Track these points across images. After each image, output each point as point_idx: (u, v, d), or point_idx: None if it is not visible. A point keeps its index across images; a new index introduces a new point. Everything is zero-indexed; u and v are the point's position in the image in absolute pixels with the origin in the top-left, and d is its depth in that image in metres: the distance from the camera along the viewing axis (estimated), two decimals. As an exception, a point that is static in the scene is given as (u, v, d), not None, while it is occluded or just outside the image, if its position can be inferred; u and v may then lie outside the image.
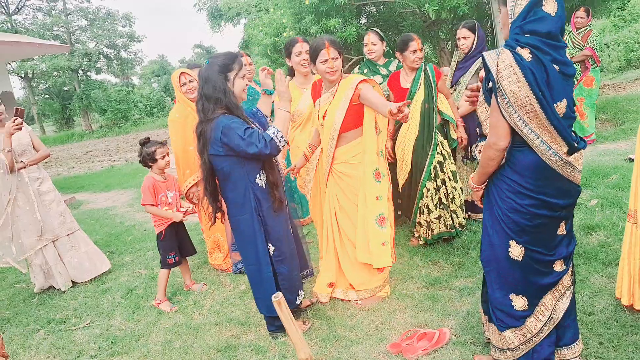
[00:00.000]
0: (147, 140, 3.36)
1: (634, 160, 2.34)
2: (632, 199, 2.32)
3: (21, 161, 3.72)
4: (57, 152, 18.66)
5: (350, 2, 7.37)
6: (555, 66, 1.74)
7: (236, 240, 2.66)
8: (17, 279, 4.38)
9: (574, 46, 5.79)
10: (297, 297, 2.74)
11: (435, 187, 3.54)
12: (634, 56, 11.37)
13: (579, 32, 5.78)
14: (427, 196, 3.53)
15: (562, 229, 1.96)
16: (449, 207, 3.57)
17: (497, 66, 1.76)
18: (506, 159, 1.90)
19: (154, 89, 35.12)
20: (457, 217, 3.61)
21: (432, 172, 3.52)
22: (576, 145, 1.81)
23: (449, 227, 3.57)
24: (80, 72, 28.69)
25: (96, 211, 7.00)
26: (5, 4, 27.10)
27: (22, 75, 27.31)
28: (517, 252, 1.95)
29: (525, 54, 1.73)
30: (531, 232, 1.91)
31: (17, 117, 3.51)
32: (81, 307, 3.58)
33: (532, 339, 2.01)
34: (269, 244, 2.58)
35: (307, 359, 1.91)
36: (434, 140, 3.52)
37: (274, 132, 2.44)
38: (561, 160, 1.81)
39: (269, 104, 2.89)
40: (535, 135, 1.78)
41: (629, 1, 13.76)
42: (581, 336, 2.13)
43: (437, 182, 3.54)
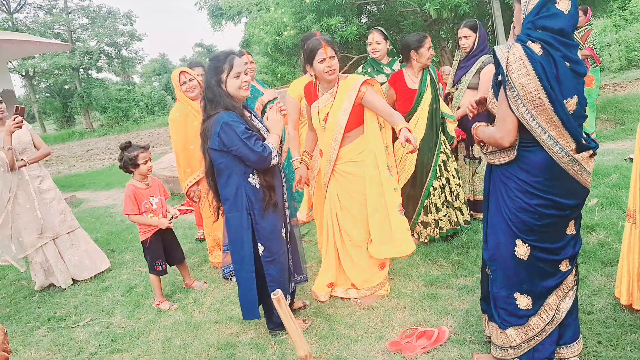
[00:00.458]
0: (128, 144, 3.25)
1: (633, 159, 2.35)
2: (632, 198, 2.33)
3: (22, 159, 3.72)
4: (57, 150, 18.64)
5: (351, 0, 7.37)
6: (566, 63, 1.74)
7: (227, 235, 2.66)
8: (17, 276, 4.38)
9: (574, 45, 5.80)
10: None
11: (440, 185, 3.57)
12: (635, 56, 11.37)
13: (578, 31, 5.77)
14: (434, 195, 3.56)
15: (571, 228, 1.96)
16: (453, 204, 3.62)
17: (507, 59, 1.76)
18: (515, 159, 1.89)
19: (154, 87, 35.21)
20: (462, 214, 3.66)
21: (437, 171, 3.55)
22: (585, 142, 1.81)
23: (454, 224, 3.63)
24: (81, 70, 28.75)
25: (97, 209, 7.00)
26: (6, 2, 27.13)
27: (23, 73, 27.35)
28: (522, 251, 1.95)
29: (536, 48, 1.73)
30: (539, 231, 1.91)
31: (17, 115, 3.52)
32: (81, 305, 3.59)
33: (534, 338, 2.02)
34: (259, 244, 2.56)
35: (306, 356, 1.92)
36: (438, 139, 3.55)
37: (272, 147, 2.48)
38: (568, 157, 1.81)
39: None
40: (542, 130, 1.77)
41: (629, 1, 13.75)
42: (581, 335, 2.13)
43: (442, 181, 3.58)
